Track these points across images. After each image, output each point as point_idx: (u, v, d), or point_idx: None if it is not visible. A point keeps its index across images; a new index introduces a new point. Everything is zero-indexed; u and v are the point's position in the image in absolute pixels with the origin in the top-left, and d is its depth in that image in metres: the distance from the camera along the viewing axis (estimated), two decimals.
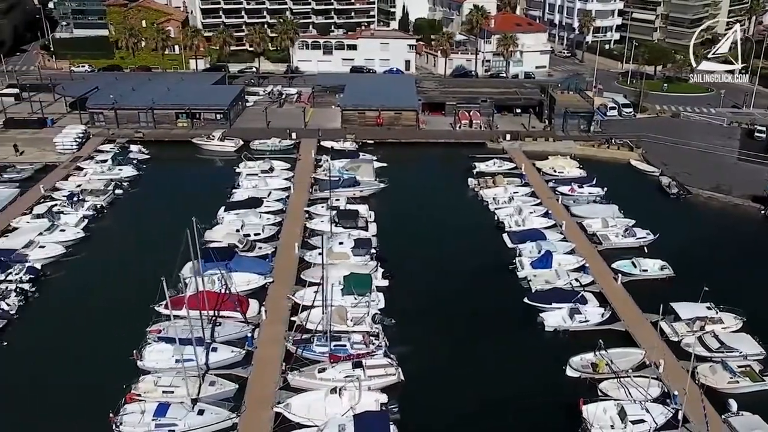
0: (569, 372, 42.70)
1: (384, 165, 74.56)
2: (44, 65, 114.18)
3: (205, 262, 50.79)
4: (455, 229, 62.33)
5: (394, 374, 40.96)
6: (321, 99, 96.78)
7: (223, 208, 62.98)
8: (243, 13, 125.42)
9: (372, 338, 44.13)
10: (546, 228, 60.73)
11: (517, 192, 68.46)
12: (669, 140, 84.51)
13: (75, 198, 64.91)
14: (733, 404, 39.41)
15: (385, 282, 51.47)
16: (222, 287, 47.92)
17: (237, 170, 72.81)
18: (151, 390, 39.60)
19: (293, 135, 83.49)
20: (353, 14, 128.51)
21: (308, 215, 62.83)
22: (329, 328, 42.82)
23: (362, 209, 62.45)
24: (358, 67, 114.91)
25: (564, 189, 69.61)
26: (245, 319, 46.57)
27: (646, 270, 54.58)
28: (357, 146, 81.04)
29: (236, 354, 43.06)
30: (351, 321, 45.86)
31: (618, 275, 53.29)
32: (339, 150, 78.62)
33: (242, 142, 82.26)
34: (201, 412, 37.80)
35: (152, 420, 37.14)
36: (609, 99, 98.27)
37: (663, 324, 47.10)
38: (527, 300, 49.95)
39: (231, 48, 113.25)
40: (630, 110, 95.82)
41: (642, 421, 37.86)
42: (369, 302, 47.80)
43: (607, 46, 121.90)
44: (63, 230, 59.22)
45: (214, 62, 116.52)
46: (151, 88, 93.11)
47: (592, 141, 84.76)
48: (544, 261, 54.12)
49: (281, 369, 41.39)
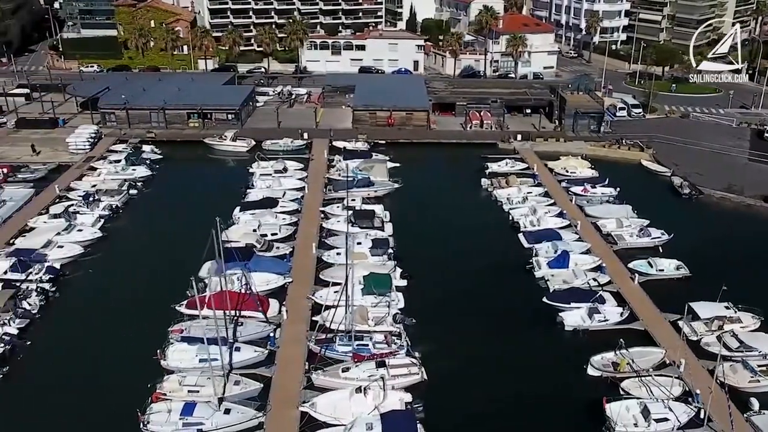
0: (590, 371, 42.93)
1: (396, 165, 74.78)
2: (53, 65, 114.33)
3: (225, 262, 51.18)
4: (470, 229, 62.56)
5: (418, 373, 41.18)
6: (331, 99, 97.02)
7: (239, 209, 63.18)
8: (251, 14, 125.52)
9: (394, 338, 44.38)
10: (561, 228, 61.00)
11: (531, 192, 68.74)
12: (679, 141, 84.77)
13: (90, 198, 65.17)
14: (755, 403, 39.70)
15: (404, 282, 51.69)
16: (242, 287, 48.16)
17: (250, 170, 73.04)
18: (176, 389, 39.80)
19: (305, 135, 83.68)
20: (361, 15, 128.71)
21: (324, 215, 63.06)
22: (353, 328, 43.04)
23: (378, 209, 62.70)
24: (367, 68, 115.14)
25: (577, 189, 69.91)
26: (266, 319, 46.78)
27: (663, 270, 54.84)
28: (369, 146, 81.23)
29: (259, 354, 43.27)
30: (372, 321, 46.07)
31: (635, 275, 53.57)
32: (351, 150, 78.80)
33: (254, 142, 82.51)
34: (227, 411, 38.01)
35: (179, 419, 37.33)
36: (618, 99, 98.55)
37: (682, 323, 47.37)
38: (546, 299, 50.21)
39: (240, 48, 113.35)
40: (639, 111, 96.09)
41: (665, 420, 38.08)
42: (389, 302, 48.04)
43: (614, 47, 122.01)
44: (80, 230, 59.42)
45: (223, 62, 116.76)
46: (162, 89, 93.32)
47: (603, 141, 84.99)
48: (561, 261, 54.37)
49: (305, 368, 41.62)
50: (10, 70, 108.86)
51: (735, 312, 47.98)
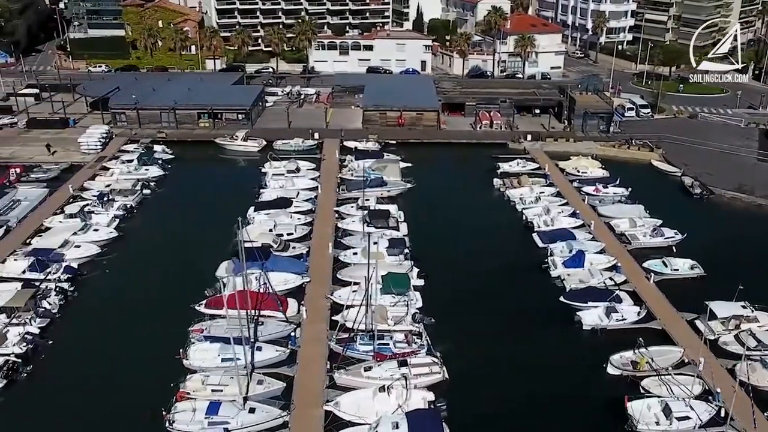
0: (610, 369, 43.22)
1: (408, 165, 75.00)
2: (61, 65, 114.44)
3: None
4: (484, 229, 62.90)
5: (439, 372, 41.43)
6: (340, 99, 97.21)
7: (253, 208, 63.40)
8: (258, 14, 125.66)
9: (414, 337, 44.62)
10: (574, 228, 61.27)
11: (543, 192, 68.97)
12: (688, 141, 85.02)
13: (105, 198, 65.37)
14: None
15: (421, 281, 51.95)
16: (261, 287, 48.38)
17: (262, 170, 73.26)
18: (200, 389, 39.99)
19: (316, 135, 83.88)
20: (368, 15, 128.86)
21: (338, 215, 63.29)
22: (375, 327, 43.27)
23: (392, 209, 62.90)
24: (375, 68, 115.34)
25: (589, 189, 70.20)
26: (286, 319, 47.03)
27: (677, 269, 55.13)
28: (380, 146, 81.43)
29: (281, 353, 43.49)
30: (391, 320, 46.31)
31: (650, 274, 53.84)
32: (362, 150, 79.02)
33: (265, 142, 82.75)
34: (252, 410, 38.21)
35: (205, 418, 37.53)
36: (626, 100, 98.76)
37: (699, 322, 47.74)
38: (563, 299, 50.46)
39: (248, 48, 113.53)
40: (648, 111, 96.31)
41: (687, 418, 38.33)
42: (408, 301, 48.27)
43: (620, 47, 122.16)
44: (96, 230, 59.65)
45: (231, 62, 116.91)
46: (172, 89, 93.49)
47: (612, 142, 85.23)
48: (577, 260, 54.62)
49: (327, 368, 41.85)
50: (19, 70, 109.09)
51: (752, 311, 48.20)
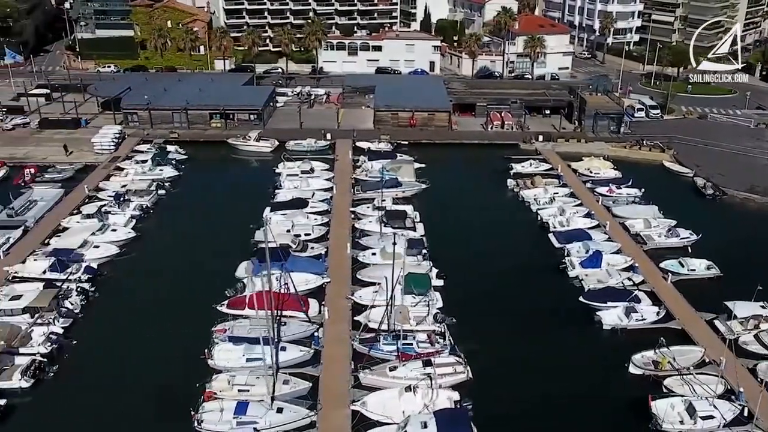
0: (632, 369, 43.50)
1: (422, 166, 75.20)
2: (70, 65, 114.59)
3: (260, 263, 51.65)
4: (499, 230, 63.30)
5: (464, 372, 41.71)
6: (350, 100, 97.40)
7: (269, 209, 63.46)
8: (266, 14, 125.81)
9: (437, 337, 44.89)
10: (590, 228, 61.55)
11: (557, 193, 69.25)
12: (698, 142, 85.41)
13: (121, 198, 65.60)
14: None
15: (440, 282, 52.18)
16: (282, 287, 48.61)
17: (276, 171, 73.51)
18: (226, 389, 40.20)
19: (328, 135, 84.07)
20: (376, 15, 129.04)
21: (354, 216, 63.52)
22: (400, 328, 43.57)
23: (408, 210, 63.14)
24: (383, 68, 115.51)
25: (602, 190, 70.47)
26: (308, 319, 47.25)
27: (694, 270, 55.45)
28: (392, 147, 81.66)
29: (305, 353, 43.74)
30: (413, 320, 46.57)
31: (667, 275, 54.14)
32: (375, 151, 79.23)
33: (277, 143, 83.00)
34: (280, 410, 38.44)
35: (233, 418, 37.75)
36: (636, 100, 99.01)
37: (718, 322, 48.05)
38: (582, 299, 50.75)
39: (258, 49, 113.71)
40: (657, 112, 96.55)
41: (711, 417, 38.62)
42: (428, 301, 48.53)
43: (627, 48, 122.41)
44: (114, 230, 59.94)
45: (239, 63, 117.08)
46: (183, 89, 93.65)
47: (624, 142, 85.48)
48: (594, 261, 54.90)
49: (351, 368, 42.10)
50: (28, 70, 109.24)
51: None
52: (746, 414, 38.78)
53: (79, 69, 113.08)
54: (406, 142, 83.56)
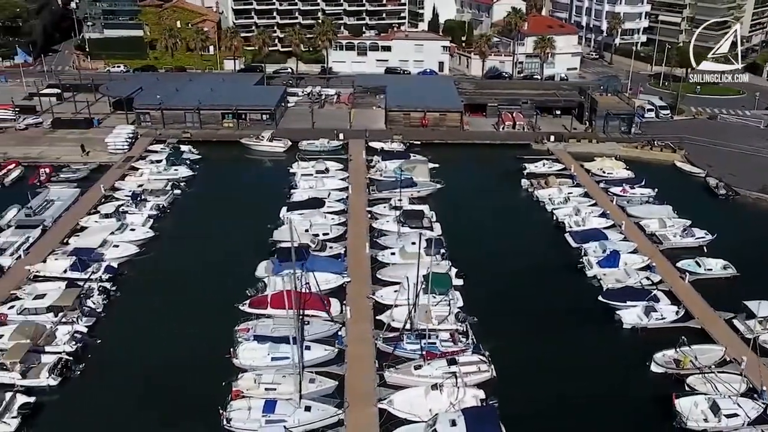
0: (654, 368, 43.83)
1: (435, 166, 75.47)
2: (79, 65, 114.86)
3: (280, 262, 51.98)
4: (515, 229, 63.67)
5: (488, 371, 42.00)
6: (361, 100, 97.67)
7: (285, 209, 63.89)
8: (275, 14, 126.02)
9: (460, 336, 45.19)
10: (606, 228, 61.86)
11: (571, 192, 69.57)
12: (709, 142, 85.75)
13: (138, 198, 65.87)
14: None
15: (460, 281, 52.48)
16: (303, 286, 48.86)
17: (291, 170, 73.78)
18: (253, 387, 40.47)
19: (340, 135, 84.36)
20: (384, 15, 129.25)
21: (371, 215, 63.79)
22: (426, 326, 43.84)
23: (424, 209, 63.42)
24: (393, 68, 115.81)
25: (616, 190, 70.82)
26: (331, 318, 47.55)
27: (711, 269, 55.79)
28: (405, 147, 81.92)
29: (329, 352, 44.00)
30: (435, 319, 46.85)
31: (685, 274, 54.45)
32: (388, 151, 79.53)
33: (290, 143, 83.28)
34: (308, 409, 38.71)
35: (262, 416, 38.02)
36: (646, 101, 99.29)
37: (737, 321, 48.36)
38: (601, 298, 51.04)
39: (268, 49, 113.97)
40: (667, 112, 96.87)
41: (735, 415, 38.96)
42: (449, 301, 48.83)
43: (634, 48, 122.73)
44: (133, 230, 60.25)
45: (249, 63, 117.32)
46: (194, 89, 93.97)
47: (635, 143, 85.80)
48: (612, 260, 55.21)
49: (376, 366, 42.37)
50: (38, 70, 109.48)
51: None
52: None
53: (89, 69, 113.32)
54: (419, 142, 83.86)
